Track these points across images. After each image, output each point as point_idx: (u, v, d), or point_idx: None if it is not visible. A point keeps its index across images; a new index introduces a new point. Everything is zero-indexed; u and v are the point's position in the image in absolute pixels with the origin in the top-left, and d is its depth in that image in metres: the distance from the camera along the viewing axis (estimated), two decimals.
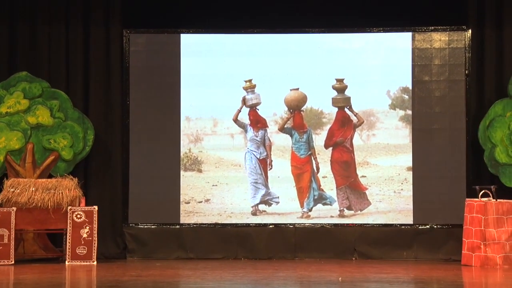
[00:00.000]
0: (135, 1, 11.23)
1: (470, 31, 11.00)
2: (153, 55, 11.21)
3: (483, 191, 10.06)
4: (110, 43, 11.15)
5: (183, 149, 11.21)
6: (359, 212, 11.09)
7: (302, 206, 11.12)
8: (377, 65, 11.11)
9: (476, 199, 10.11)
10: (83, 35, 11.17)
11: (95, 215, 10.26)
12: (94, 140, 10.92)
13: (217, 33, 11.24)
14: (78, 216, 10.27)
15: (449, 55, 11.03)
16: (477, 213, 9.97)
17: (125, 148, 11.12)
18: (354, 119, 11.13)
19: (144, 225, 11.10)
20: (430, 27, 11.06)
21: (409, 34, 11.09)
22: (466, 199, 10.31)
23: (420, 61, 11.07)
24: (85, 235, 10.22)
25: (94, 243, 10.22)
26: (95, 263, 10.17)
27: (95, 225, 10.25)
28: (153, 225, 11.10)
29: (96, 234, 10.24)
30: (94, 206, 10.35)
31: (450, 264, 10.34)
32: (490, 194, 10.11)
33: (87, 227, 10.22)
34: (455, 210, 10.67)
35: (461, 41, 11.01)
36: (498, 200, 10.09)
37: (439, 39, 11.06)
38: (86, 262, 10.17)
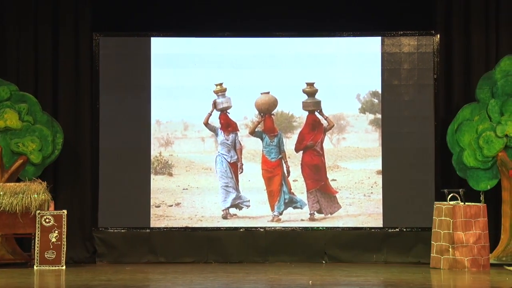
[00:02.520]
0: (105, 5, 11.18)
1: (438, 36, 11.11)
2: (123, 58, 11.16)
3: (451, 194, 10.15)
4: (80, 47, 11.09)
5: (154, 153, 11.18)
6: (329, 215, 11.14)
7: (272, 209, 11.15)
8: (347, 69, 11.17)
9: (445, 202, 10.20)
10: (52, 38, 11.09)
11: (64, 219, 10.19)
12: (63, 144, 10.84)
13: (188, 36, 11.23)
14: (47, 220, 10.19)
15: (418, 60, 11.13)
16: (446, 216, 10.06)
17: (95, 151, 11.07)
18: (325, 122, 11.18)
19: (114, 229, 11.04)
20: (399, 32, 11.16)
21: (379, 38, 11.17)
22: (435, 202, 10.38)
23: (390, 65, 11.17)
24: (54, 240, 10.14)
25: (63, 248, 10.15)
26: (64, 267, 10.10)
27: (64, 229, 10.17)
28: (123, 229, 11.05)
29: (65, 238, 10.17)
30: (63, 210, 10.28)
31: (419, 267, 10.38)
32: (458, 198, 10.21)
33: (56, 231, 10.15)
34: (424, 213, 10.73)
35: (429, 46, 11.11)
36: (466, 203, 10.18)
37: (408, 43, 11.16)
38: (55, 266, 10.09)
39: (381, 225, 11.03)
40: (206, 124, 11.16)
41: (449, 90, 11.06)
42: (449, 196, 10.13)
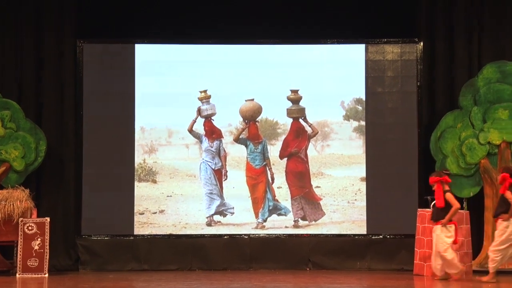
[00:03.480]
0: (89, 12, 11.15)
1: (421, 43, 11.17)
2: (108, 65, 11.15)
3: (434, 201, 10.18)
4: (64, 53, 11.07)
5: (138, 160, 11.15)
6: (313, 222, 11.15)
7: (257, 216, 11.15)
8: (331, 76, 11.21)
9: (428, 209, 10.23)
10: (36, 45, 11.06)
11: (47, 227, 10.14)
12: (46, 151, 10.78)
13: (173, 43, 11.24)
14: (30, 227, 10.12)
15: (402, 67, 11.18)
16: (429, 223, 10.09)
17: (78, 158, 11.04)
18: (309, 129, 11.21)
19: (97, 237, 11.00)
20: (383, 39, 11.21)
21: (363, 46, 11.22)
22: (418, 209, 10.42)
23: (374, 73, 11.21)
24: (36, 247, 10.09)
25: (46, 255, 10.10)
26: (46, 275, 10.04)
27: (47, 237, 10.12)
28: (106, 237, 11.01)
29: (48, 246, 10.12)
30: (46, 218, 10.23)
31: (403, 273, 10.42)
32: None
33: (39, 239, 10.09)
34: (407, 220, 10.76)
35: (413, 53, 11.17)
36: None
37: (391, 51, 11.21)
38: (38, 274, 10.03)
39: (365, 232, 11.05)
40: (191, 131, 11.15)
41: (432, 98, 11.13)
42: (432, 203, 10.15)
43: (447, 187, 9.85)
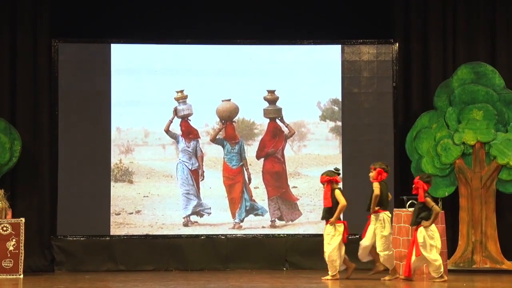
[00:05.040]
0: (64, 10, 11.07)
1: (397, 44, 11.24)
2: (83, 65, 11.06)
3: (410, 201, 10.23)
4: (38, 53, 10.96)
5: (114, 160, 11.09)
6: (290, 222, 11.17)
7: (234, 217, 11.14)
8: (308, 77, 11.23)
9: (404, 209, 10.26)
10: (10, 44, 10.95)
11: (22, 227, 10.06)
12: (21, 151, 10.68)
13: (149, 43, 11.18)
14: (4, 228, 10.04)
15: (377, 68, 11.24)
16: (405, 222, 10.13)
17: (54, 158, 10.94)
18: (286, 130, 11.22)
19: (73, 237, 10.93)
20: (359, 40, 11.25)
21: (339, 47, 11.25)
22: (394, 209, 10.42)
23: (350, 73, 11.25)
24: (11, 248, 10.00)
25: (21, 256, 10.02)
26: (21, 276, 9.96)
27: (22, 238, 10.04)
28: (82, 237, 10.93)
29: (23, 247, 10.04)
30: (21, 218, 10.15)
31: (380, 273, 10.29)
32: None
33: (14, 240, 10.01)
34: None
35: (388, 54, 11.22)
36: None
37: (367, 52, 11.26)
38: (12, 275, 9.95)
39: None
40: (167, 131, 11.11)
41: (407, 98, 11.21)
42: (408, 203, 10.22)
43: (336, 185, 9.86)
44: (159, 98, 11.12)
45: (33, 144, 10.92)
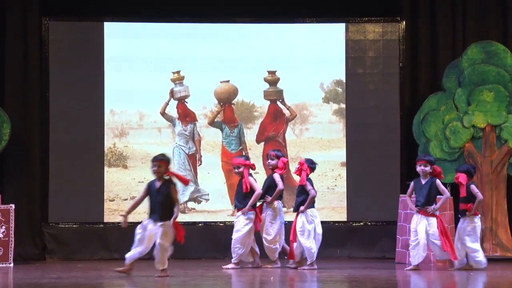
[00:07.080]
0: None
1: (404, 22, 11.10)
2: (75, 44, 10.95)
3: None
4: (28, 32, 10.84)
5: (107, 144, 10.97)
6: (291, 209, 10.87)
7: (232, 203, 10.88)
8: (310, 57, 11.11)
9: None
10: None
11: (12, 214, 9.97)
12: (10, 134, 10.52)
13: (143, 21, 11.04)
14: None
15: (383, 47, 11.08)
16: (412, 209, 9.87)
17: (45, 142, 10.84)
18: (287, 112, 11.11)
19: (65, 224, 10.85)
20: (364, 18, 11.10)
21: (343, 25, 11.11)
22: (400, 195, 10.29)
23: (354, 53, 11.10)
24: (0, 235, 9.92)
25: (11, 244, 9.94)
26: (11, 264, 9.89)
27: (12, 225, 9.97)
28: (75, 224, 10.86)
29: (13, 234, 9.96)
30: (11, 205, 10.04)
31: (384, 262, 10.32)
32: None
33: (3, 227, 9.93)
34: (389, 206, 10.66)
35: (395, 33, 11.07)
36: None
37: (373, 30, 11.11)
38: (2, 264, 9.86)
39: (345, 219, 10.97)
40: (163, 114, 10.97)
41: (415, 79, 11.07)
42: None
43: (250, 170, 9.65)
44: (154, 80, 10.99)
45: (23, 127, 10.81)
